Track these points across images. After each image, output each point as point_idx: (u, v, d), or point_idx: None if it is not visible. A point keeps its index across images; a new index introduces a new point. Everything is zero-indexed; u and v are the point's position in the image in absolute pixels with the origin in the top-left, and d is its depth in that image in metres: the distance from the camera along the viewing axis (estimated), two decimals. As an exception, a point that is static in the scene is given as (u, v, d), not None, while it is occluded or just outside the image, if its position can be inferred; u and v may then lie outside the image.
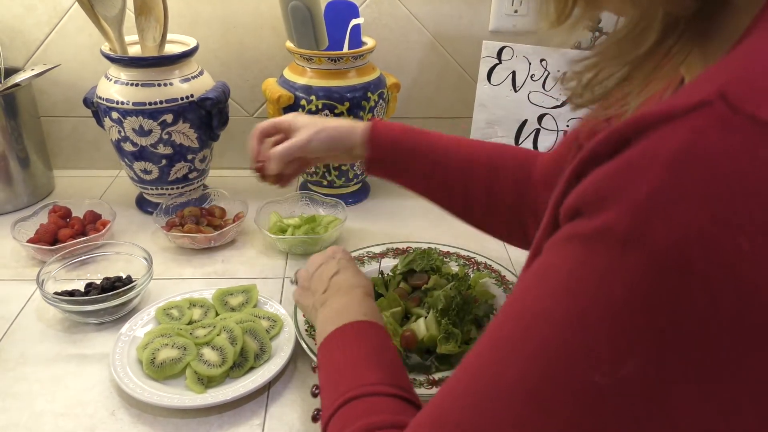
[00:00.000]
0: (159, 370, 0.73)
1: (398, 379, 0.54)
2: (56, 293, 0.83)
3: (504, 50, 1.09)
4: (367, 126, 0.77)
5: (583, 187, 0.31)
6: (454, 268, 0.93)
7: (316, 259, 0.75)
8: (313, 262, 0.75)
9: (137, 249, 0.91)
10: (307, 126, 0.79)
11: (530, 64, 1.09)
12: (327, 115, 1.04)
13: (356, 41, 1.08)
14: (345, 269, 0.71)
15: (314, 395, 0.61)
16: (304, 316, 0.79)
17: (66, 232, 0.98)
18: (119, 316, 0.85)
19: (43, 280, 0.85)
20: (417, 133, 0.77)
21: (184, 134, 1.03)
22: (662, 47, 0.34)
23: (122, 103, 0.99)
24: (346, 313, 0.62)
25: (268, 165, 0.80)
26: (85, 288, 0.86)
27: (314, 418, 0.64)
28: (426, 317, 0.78)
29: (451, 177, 0.76)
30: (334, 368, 0.57)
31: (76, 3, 1.09)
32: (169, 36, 1.03)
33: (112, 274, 0.89)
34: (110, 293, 0.82)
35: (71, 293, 0.85)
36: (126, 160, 1.06)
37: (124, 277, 0.89)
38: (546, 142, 1.13)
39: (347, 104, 1.04)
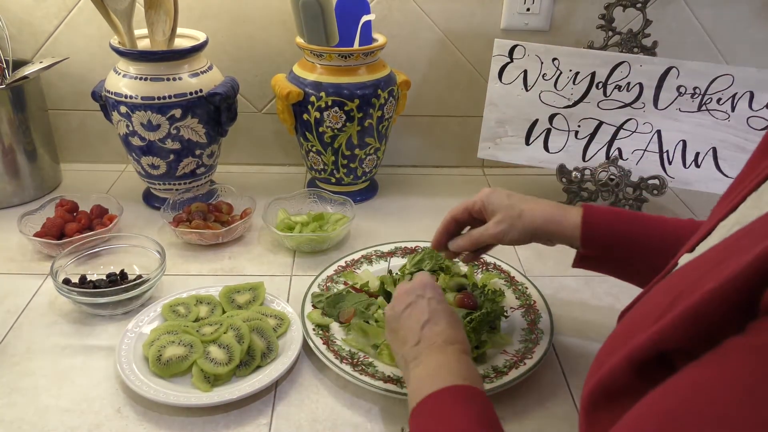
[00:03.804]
0: (165, 368, 0.73)
1: None
2: (72, 283, 0.84)
3: (516, 49, 1.08)
4: (579, 218, 0.69)
5: None
6: (463, 268, 0.92)
7: (403, 296, 0.66)
8: (400, 298, 0.66)
9: (147, 242, 0.92)
10: (504, 212, 0.71)
11: (542, 63, 1.08)
12: (337, 113, 1.03)
13: (367, 38, 1.07)
14: (437, 316, 0.62)
15: None
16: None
17: (73, 226, 0.97)
18: (130, 310, 0.85)
19: (57, 271, 0.85)
20: (637, 226, 0.69)
21: (193, 129, 1.03)
22: None
23: (131, 97, 0.99)
24: (442, 375, 0.56)
25: (454, 243, 0.75)
26: (96, 281, 0.87)
27: None
28: None
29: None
30: None
31: (86, -4, 1.08)
32: (179, 30, 1.02)
33: (120, 269, 0.90)
34: (124, 285, 0.82)
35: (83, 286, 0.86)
36: (134, 154, 1.05)
37: (137, 270, 0.89)
38: (557, 142, 1.12)
39: (357, 101, 1.03)
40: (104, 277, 0.87)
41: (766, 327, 0.30)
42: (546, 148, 1.13)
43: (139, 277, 0.87)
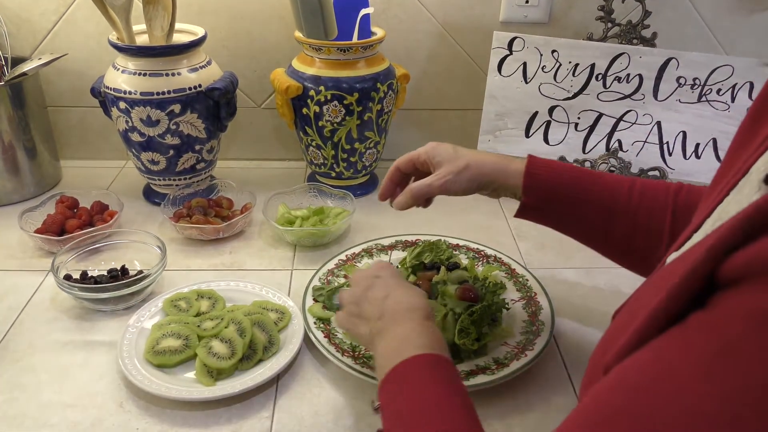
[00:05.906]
0: (156, 356, 0.73)
1: (470, 426, 0.50)
2: (73, 279, 0.84)
3: (515, 41, 1.08)
4: (523, 167, 0.71)
5: None
6: (464, 260, 0.92)
7: (360, 280, 0.68)
8: (356, 282, 0.69)
9: (148, 237, 0.92)
10: (449, 162, 0.72)
11: (541, 55, 1.08)
12: (336, 107, 1.03)
13: (365, 31, 1.06)
14: (395, 289, 0.64)
15: None
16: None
17: (73, 222, 0.97)
18: (131, 305, 0.85)
19: (58, 267, 0.85)
20: (579, 176, 0.71)
21: (192, 125, 1.03)
22: None
23: (130, 92, 0.99)
24: (405, 346, 0.56)
25: (397, 203, 0.75)
26: (97, 276, 0.87)
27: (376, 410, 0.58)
28: (445, 317, 0.76)
29: (614, 225, 0.70)
30: (398, 417, 0.52)
31: (84, -8, 1.08)
32: (177, 25, 1.02)
33: (121, 264, 0.90)
34: (125, 280, 0.83)
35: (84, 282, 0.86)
36: (133, 150, 1.05)
37: (138, 265, 0.90)
38: (556, 134, 1.12)
39: (356, 95, 1.02)
40: (105, 273, 0.88)
41: (722, 302, 0.31)
42: (546, 140, 1.13)
43: (140, 272, 0.87)
